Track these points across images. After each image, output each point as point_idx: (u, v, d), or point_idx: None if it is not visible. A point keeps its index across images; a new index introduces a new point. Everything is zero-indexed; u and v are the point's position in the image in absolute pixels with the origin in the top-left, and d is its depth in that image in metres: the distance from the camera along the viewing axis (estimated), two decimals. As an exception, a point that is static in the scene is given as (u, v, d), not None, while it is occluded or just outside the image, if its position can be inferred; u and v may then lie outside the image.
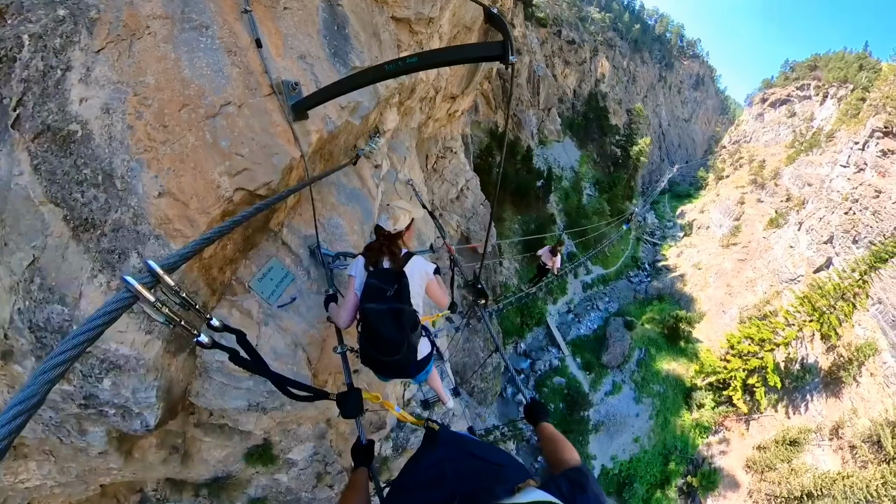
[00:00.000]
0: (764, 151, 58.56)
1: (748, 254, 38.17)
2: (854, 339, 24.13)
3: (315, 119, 2.62)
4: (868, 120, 32.62)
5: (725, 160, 69.34)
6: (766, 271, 33.71)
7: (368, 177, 3.78)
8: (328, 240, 3.21)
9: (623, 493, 22.31)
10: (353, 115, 3.04)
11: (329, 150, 2.95)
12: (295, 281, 2.99)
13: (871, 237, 27.21)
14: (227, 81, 2.35)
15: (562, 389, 26.25)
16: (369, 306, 2.07)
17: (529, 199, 34.49)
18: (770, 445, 23.22)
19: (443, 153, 12.89)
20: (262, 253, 2.86)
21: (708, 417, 25.89)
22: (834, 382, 23.89)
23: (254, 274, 2.80)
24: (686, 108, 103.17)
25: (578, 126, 52.19)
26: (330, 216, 3.28)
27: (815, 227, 32.00)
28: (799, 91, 65.62)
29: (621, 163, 53.64)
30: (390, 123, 4.15)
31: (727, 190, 54.24)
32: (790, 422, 24.16)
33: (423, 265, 2.29)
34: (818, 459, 21.92)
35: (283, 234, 2.99)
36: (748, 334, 25.92)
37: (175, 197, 2.12)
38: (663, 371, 28.78)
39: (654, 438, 25.07)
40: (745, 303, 32.27)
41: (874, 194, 28.50)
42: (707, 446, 25.00)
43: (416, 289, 2.23)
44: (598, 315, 35.22)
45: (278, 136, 2.35)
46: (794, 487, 20.29)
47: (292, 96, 2.38)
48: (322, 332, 3.15)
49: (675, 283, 40.52)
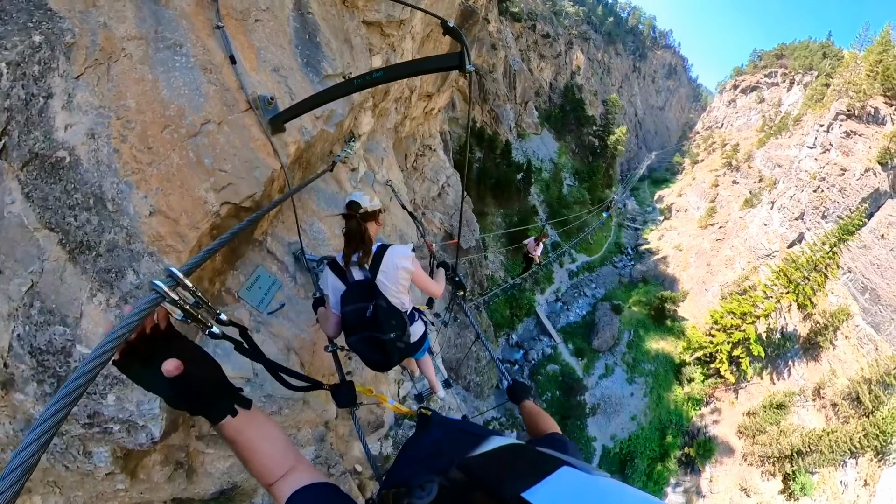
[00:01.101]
0: (736, 136, 60.57)
1: (725, 233, 39.38)
2: (828, 307, 25.48)
3: (292, 131, 2.70)
4: (832, 104, 34.28)
5: (700, 145, 71.49)
6: (743, 249, 34.96)
7: (345, 180, 3.87)
8: (311, 245, 3.30)
9: (626, 470, 23.02)
10: (328, 124, 3.14)
11: (307, 158, 3.04)
12: (282, 287, 3.06)
13: (839, 212, 28.76)
14: (205, 100, 2.42)
15: (556, 376, 26.72)
16: (350, 339, 2.06)
17: (511, 193, 34.77)
18: (758, 411, 24.39)
19: (422, 151, 12.93)
20: (248, 262, 2.94)
21: (698, 390, 26.87)
22: (812, 348, 25.19)
23: (242, 283, 2.88)
24: (660, 96, 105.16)
25: (556, 118, 52.71)
26: (311, 222, 3.38)
27: (786, 205, 33.38)
28: (767, 78, 67.96)
29: (599, 152, 54.39)
30: (365, 127, 4.24)
31: (702, 174, 55.77)
32: (775, 387, 25.41)
33: (398, 259, 2.14)
34: (804, 419, 23.15)
35: (267, 242, 3.07)
36: (730, 309, 26.94)
37: (165, 215, 2.19)
38: (653, 350, 29.61)
39: (650, 415, 25.87)
40: (726, 280, 33.41)
41: (839, 172, 30.03)
42: (700, 417, 26.01)
43: (397, 287, 2.18)
44: (586, 301, 35.81)
45: (258, 149, 2.44)
46: (784, 447, 21.38)
47: (269, 111, 2.47)
48: (312, 335, 3.24)
49: (657, 266, 41.52)
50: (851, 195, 28.73)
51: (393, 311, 2.07)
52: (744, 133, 60.28)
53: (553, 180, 44.58)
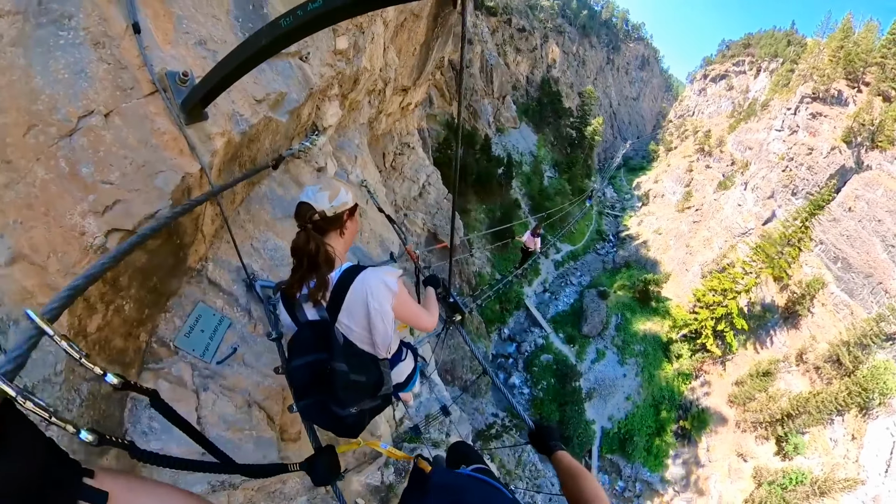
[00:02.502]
0: (708, 122, 61.75)
1: (702, 215, 39.94)
2: (803, 277, 26.44)
3: (218, 119, 1.99)
4: (798, 88, 35.62)
5: (673, 133, 72.98)
6: (719, 229, 35.52)
7: (309, 183, 3.16)
8: (267, 268, 2.59)
9: (626, 448, 23.41)
10: (277, 111, 2.41)
11: (249, 156, 2.32)
12: (233, 326, 2.39)
13: (808, 189, 29.83)
14: (90, 83, 1.70)
15: (550, 366, 26.66)
16: (299, 403, 1.52)
17: (492, 187, 34.33)
18: (746, 380, 25.01)
19: (400, 150, 12.27)
20: (184, 300, 2.24)
21: (687, 366, 27.34)
22: (792, 317, 26.08)
23: (179, 329, 2.19)
24: (634, 87, 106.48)
25: (533, 111, 52.42)
26: (265, 237, 2.66)
27: (759, 185, 34.14)
28: (735, 67, 69.76)
29: (577, 143, 54.47)
30: (331, 118, 3.53)
31: (677, 160, 56.56)
32: (760, 356, 26.07)
33: (372, 291, 1.46)
34: (790, 384, 23.88)
35: (207, 270, 2.35)
36: (712, 287, 27.48)
37: (30, 260, 1.50)
38: (640, 331, 29.89)
39: (644, 393, 26.18)
40: (705, 259, 33.89)
41: (807, 152, 31.10)
42: (691, 391, 26.50)
43: (370, 333, 1.52)
44: (573, 290, 35.92)
45: (164, 147, 1.73)
46: (775, 411, 22.20)
47: (181, 90, 1.74)
48: (279, 378, 2.56)
49: (639, 250, 41.81)
50: (819, 172, 29.82)
51: (357, 377, 1.45)
52: (715, 120, 61.44)
53: (534, 173, 44.37)
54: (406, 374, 2.04)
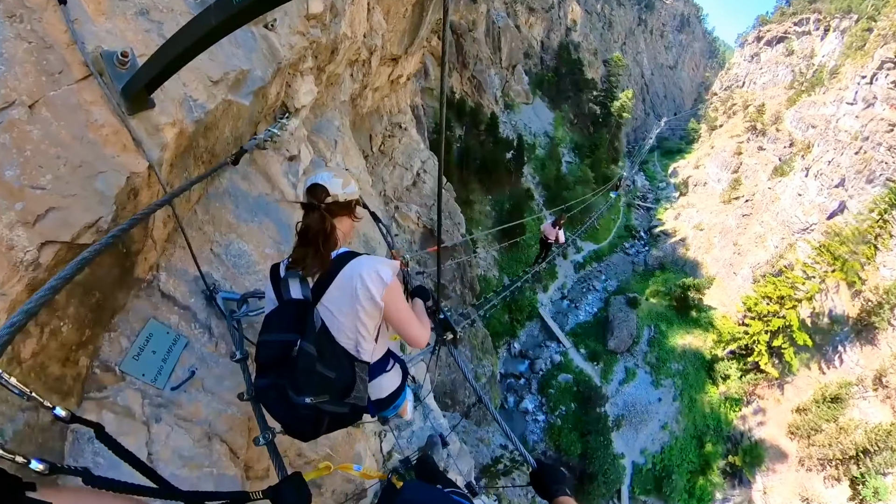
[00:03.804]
0: (761, 95, 61.66)
1: (753, 207, 39.95)
2: (881, 282, 25.67)
3: (167, 106, 2.01)
4: (876, 51, 34.62)
5: (718, 108, 72.85)
6: (775, 224, 35.54)
7: (279, 175, 3.18)
8: (230, 276, 2.63)
9: (663, 488, 23.24)
10: (237, 92, 2.44)
11: (207, 147, 2.35)
12: (190, 346, 2.43)
13: (888, 174, 29.06)
14: (7, 67, 1.69)
15: (570, 387, 26.68)
16: (259, 382, 1.63)
17: (500, 175, 34.39)
18: (810, 406, 24.68)
19: (391, 131, 12.31)
20: (132, 317, 2.26)
21: (737, 388, 27.25)
22: (866, 329, 25.49)
23: (126, 351, 2.22)
24: (670, 53, 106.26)
25: (549, 83, 52.45)
26: (228, 241, 2.69)
27: (823, 171, 33.91)
28: (797, 27, 69.41)
29: (602, 122, 54.52)
30: (305, 98, 3.56)
31: (722, 141, 56.54)
32: (827, 378, 25.70)
33: (365, 275, 1.61)
34: (866, 413, 23.28)
35: (160, 282, 2.39)
36: (765, 293, 27.35)
37: None
38: (678, 347, 29.90)
39: (683, 422, 26.13)
40: (757, 260, 33.95)
41: (887, 128, 30.34)
42: (742, 420, 26.34)
43: (352, 321, 1.66)
44: (597, 296, 35.99)
45: (104, 143, 1.75)
46: (847, 446, 21.61)
47: (121, 74, 1.76)
48: (245, 406, 2.60)
49: (676, 250, 41.96)
50: (902, 154, 29.07)
51: (325, 370, 1.58)
52: (770, 91, 61.39)
53: (550, 157, 44.41)
54: (389, 391, 2.10)
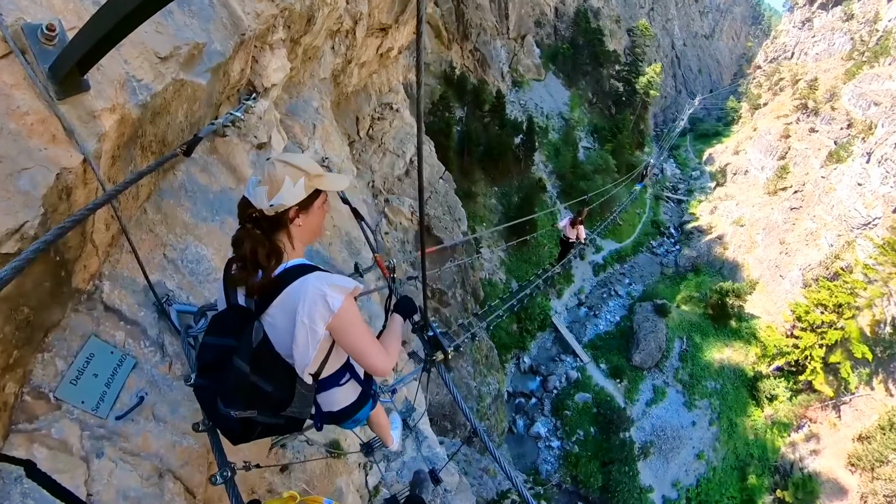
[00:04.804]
0: (814, 68, 60.91)
1: (803, 199, 39.81)
2: None
3: (106, 88, 1.98)
4: None
5: (762, 84, 72.57)
6: (829, 219, 35.35)
7: (245, 166, 3.16)
8: (186, 286, 2.60)
9: None
10: (191, 70, 2.41)
11: (157, 135, 2.32)
12: (139, 367, 2.43)
13: None
14: None
15: (589, 408, 26.72)
16: (196, 380, 1.79)
17: (507, 163, 34.40)
18: (874, 433, 24.41)
19: (380, 113, 12.32)
20: (69, 335, 2.24)
21: (785, 411, 27.23)
22: None
23: (62, 374, 2.20)
24: (706, 20, 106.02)
25: (565, 57, 52.49)
26: (184, 244, 2.66)
27: (889, 155, 33.64)
28: None
29: (625, 101, 54.53)
30: (276, 75, 3.53)
31: (767, 122, 56.42)
32: (894, 399, 25.43)
33: (310, 298, 1.66)
34: None
35: (102, 293, 2.36)
36: (819, 300, 27.25)
37: None
38: (715, 362, 29.88)
39: (722, 449, 26.12)
40: (808, 261, 33.79)
41: None
42: (791, 447, 26.28)
43: (294, 341, 1.71)
44: (619, 303, 36.09)
45: (29, 133, 1.72)
46: None
47: (47, 51, 1.73)
48: (202, 437, 2.59)
49: (712, 249, 41.99)
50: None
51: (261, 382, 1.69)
52: (825, 63, 60.76)
53: (564, 143, 44.41)
54: (342, 405, 2.16)
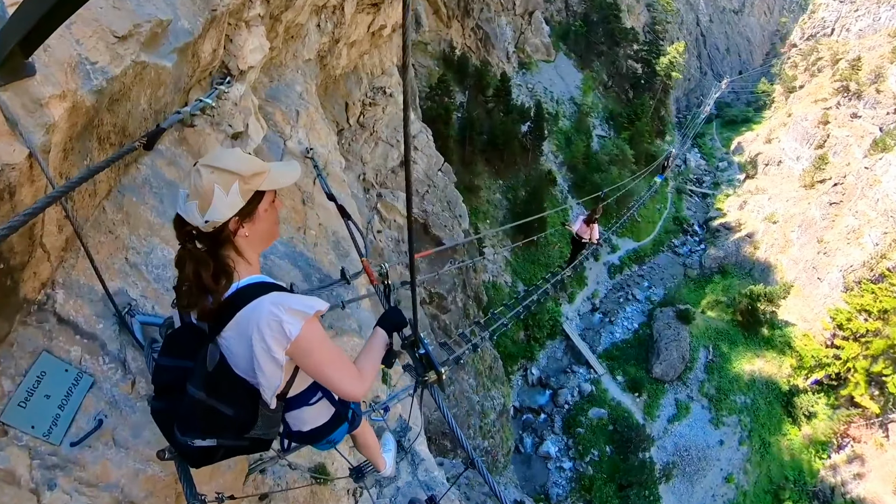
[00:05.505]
0: (857, 45, 60.70)
1: (844, 193, 39.85)
2: None
3: (54, 72, 1.96)
4: None
5: (797, 64, 72.78)
6: (874, 214, 35.46)
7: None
8: (151, 293, 2.59)
9: None
10: (154, 51, 2.38)
11: (116, 125, 2.30)
12: (97, 386, 2.41)
13: None
14: None
15: (604, 425, 26.80)
16: (153, 403, 1.92)
17: (513, 153, 34.45)
18: None
19: (372, 98, 12.32)
20: (17, 351, 2.23)
21: (824, 429, 27.26)
22: None
23: (9, 395, 2.19)
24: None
25: (577, 35, 52.61)
26: (149, 246, 2.64)
27: (943, 144, 33.65)
28: None
29: (644, 84, 54.53)
30: (253, 56, 3.50)
31: (803, 106, 56.42)
32: None
33: (264, 325, 1.64)
34: None
35: (56, 303, 2.34)
36: (862, 305, 27.38)
37: None
38: (745, 374, 29.90)
39: (754, 472, 26.16)
40: (850, 262, 33.77)
41: None
42: (832, 470, 26.31)
43: (248, 362, 1.72)
44: (637, 308, 36.20)
45: (-32, 126, 1.73)
46: None
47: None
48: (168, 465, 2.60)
49: (741, 248, 42.01)
50: None
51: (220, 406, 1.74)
52: (869, 41, 60.62)
53: (576, 130, 44.45)
54: (313, 425, 2.19)
